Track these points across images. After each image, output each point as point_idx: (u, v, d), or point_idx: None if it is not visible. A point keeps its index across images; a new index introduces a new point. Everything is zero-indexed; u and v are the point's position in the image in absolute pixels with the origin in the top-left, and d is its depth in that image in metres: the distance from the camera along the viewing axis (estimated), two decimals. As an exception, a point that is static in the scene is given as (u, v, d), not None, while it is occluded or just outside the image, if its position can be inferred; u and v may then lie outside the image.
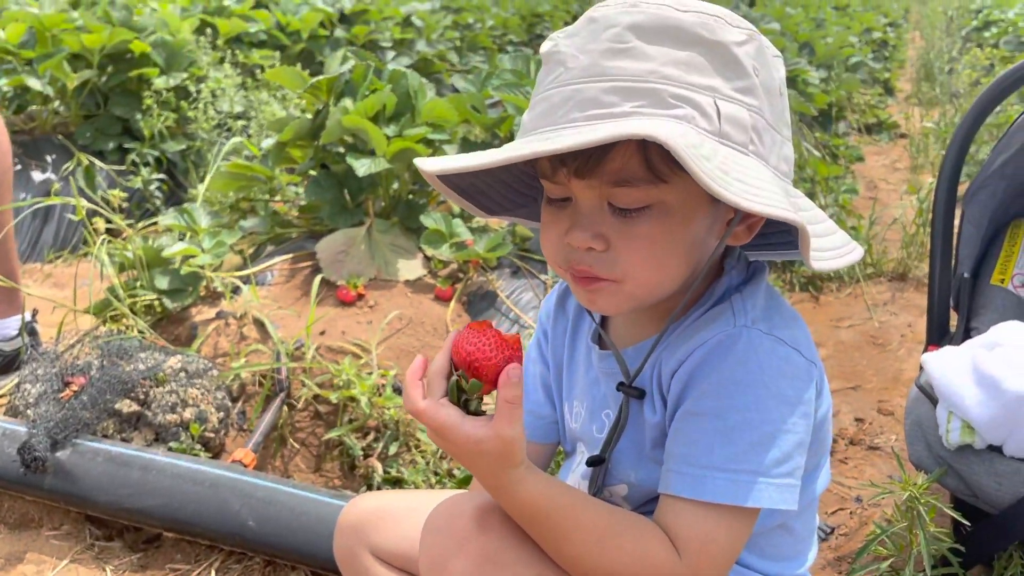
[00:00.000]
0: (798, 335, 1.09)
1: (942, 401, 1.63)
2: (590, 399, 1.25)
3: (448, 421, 0.99)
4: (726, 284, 1.12)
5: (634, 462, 1.17)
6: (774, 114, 1.04)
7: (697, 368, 1.06)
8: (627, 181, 0.98)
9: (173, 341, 2.77)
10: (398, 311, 2.70)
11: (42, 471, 2.06)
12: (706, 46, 0.98)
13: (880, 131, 7.34)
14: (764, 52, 1.05)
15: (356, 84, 3.10)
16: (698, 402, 1.05)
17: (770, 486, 1.02)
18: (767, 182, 0.97)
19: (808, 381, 1.06)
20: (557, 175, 1.02)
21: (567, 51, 1.01)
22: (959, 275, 2.14)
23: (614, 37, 0.98)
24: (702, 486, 1.02)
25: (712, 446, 1.02)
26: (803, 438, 1.05)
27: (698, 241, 1.05)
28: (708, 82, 0.97)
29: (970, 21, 12.81)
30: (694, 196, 1.01)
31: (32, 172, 4.40)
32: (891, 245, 4.22)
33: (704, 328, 1.08)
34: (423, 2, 7.44)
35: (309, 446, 2.41)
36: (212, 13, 5.63)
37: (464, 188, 1.18)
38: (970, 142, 1.98)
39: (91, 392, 2.19)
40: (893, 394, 2.96)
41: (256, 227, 3.29)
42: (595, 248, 1.02)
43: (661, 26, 0.98)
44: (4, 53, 4.44)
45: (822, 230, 1.06)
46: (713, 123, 0.96)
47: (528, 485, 1.02)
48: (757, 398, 1.02)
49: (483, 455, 1.00)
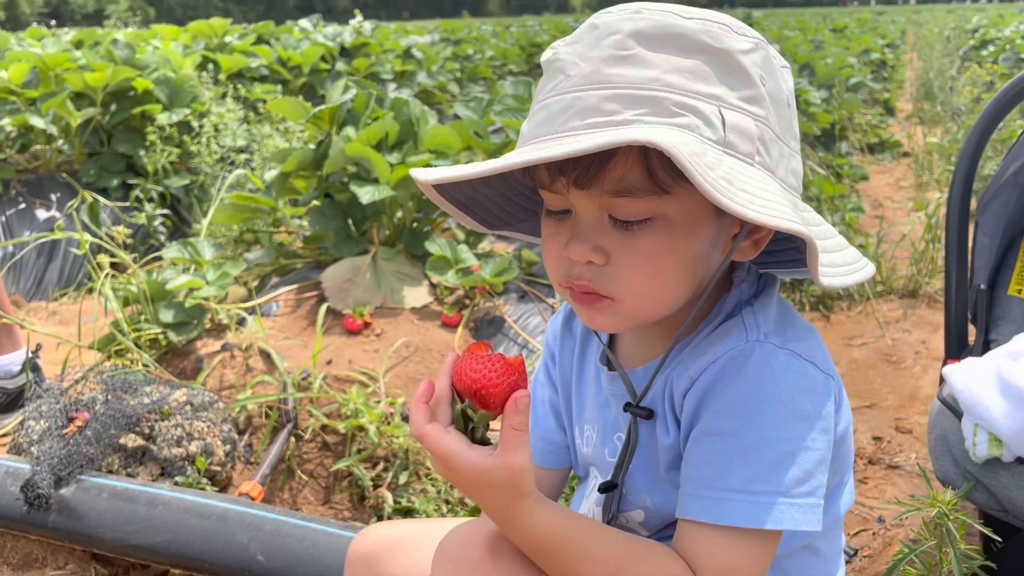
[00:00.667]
0: (813, 348, 1.05)
1: (967, 413, 1.59)
2: (601, 422, 1.21)
3: (453, 448, 0.94)
4: (736, 298, 1.07)
5: (649, 486, 1.12)
6: (782, 125, 1.00)
7: (710, 386, 1.01)
8: (628, 191, 0.94)
9: (178, 375, 2.74)
10: (405, 338, 2.67)
11: (46, 509, 2.01)
12: (711, 54, 0.94)
13: (883, 150, 7.34)
14: (771, 62, 1.01)
15: (358, 113, 3.09)
16: (712, 422, 1.00)
17: (792, 507, 0.97)
18: (774, 194, 0.94)
19: (826, 395, 1.02)
20: (556, 185, 0.98)
21: (567, 59, 0.98)
22: (975, 287, 2.10)
23: (616, 44, 0.94)
24: (720, 510, 0.97)
25: (729, 467, 0.97)
26: (824, 455, 1.00)
27: (702, 256, 1.01)
28: (712, 90, 0.93)
29: (967, 40, 12.89)
30: (698, 209, 0.97)
31: (36, 210, 4.40)
32: (900, 262, 4.19)
33: (715, 344, 1.03)
34: (423, 35, 7.50)
35: (317, 477, 2.36)
36: (214, 50, 5.68)
37: (463, 202, 1.14)
38: (983, 148, 1.95)
39: (95, 427, 2.15)
40: (911, 411, 2.91)
41: (261, 259, 3.27)
42: (595, 262, 0.98)
43: (664, 33, 0.94)
44: (7, 93, 4.46)
45: (832, 246, 1.02)
46: (717, 132, 0.92)
47: (538, 517, 0.97)
48: (774, 415, 0.97)
49: (490, 486, 0.95)
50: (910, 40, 18.73)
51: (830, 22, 11.73)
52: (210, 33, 5.89)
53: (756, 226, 1.03)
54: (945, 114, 7.79)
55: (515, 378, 0.95)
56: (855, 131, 7.31)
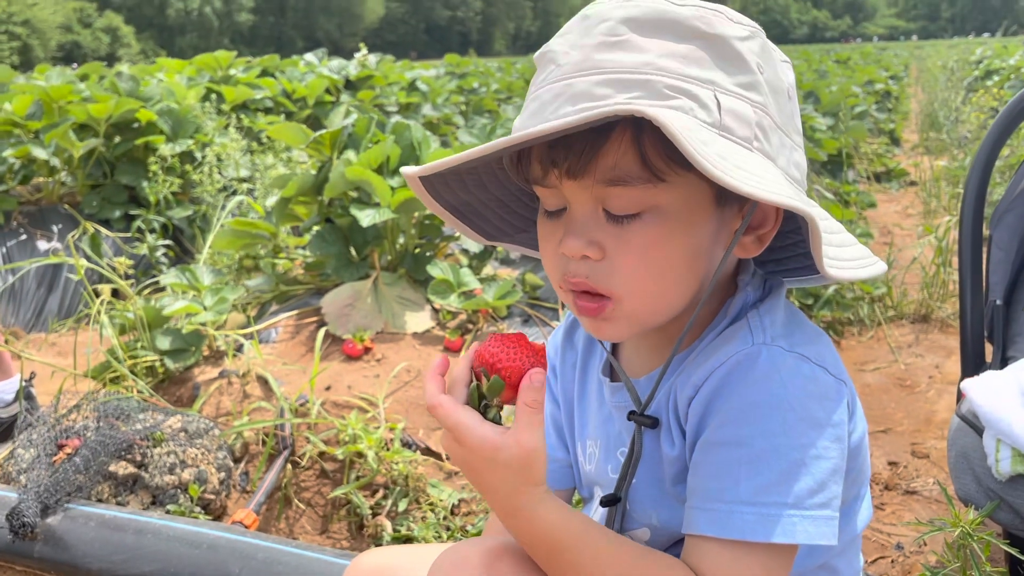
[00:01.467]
0: (823, 352, 0.98)
1: (988, 429, 1.52)
2: (604, 437, 1.15)
3: (464, 420, 0.90)
4: (741, 302, 1.02)
5: (655, 501, 1.05)
6: (782, 116, 0.95)
7: (715, 393, 0.95)
8: (622, 180, 0.90)
9: (175, 402, 2.68)
10: (406, 363, 2.60)
11: (31, 538, 1.95)
12: (705, 39, 0.91)
13: (889, 179, 7.30)
14: (769, 52, 0.97)
15: (359, 137, 3.06)
16: (719, 430, 0.94)
17: (804, 519, 0.90)
18: (774, 176, 0.89)
19: (838, 401, 0.95)
20: (549, 178, 0.94)
21: (559, 49, 0.95)
22: (991, 303, 2.04)
23: (607, 31, 0.91)
24: (729, 523, 0.90)
25: (738, 478, 0.91)
26: (838, 464, 0.93)
27: (702, 251, 0.96)
28: (707, 75, 0.89)
29: (971, 72, 12.92)
30: (695, 199, 0.93)
31: (38, 241, 4.38)
32: (911, 287, 4.13)
33: (720, 348, 0.97)
34: (427, 68, 7.53)
35: (315, 506, 2.29)
36: (218, 82, 5.69)
37: (459, 208, 1.10)
38: (995, 157, 1.90)
39: (84, 454, 2.09)
40: (927, 436, 2.83)
41: (260, 286, 3.23)
42: (590, 256, 0.93)
43: (657, 19, 0.91)
44: (11, 125, 4.46)
45: (839, 240, 0.97)
46: (713, 115, 0.88)
47: (547, 509, 0.92)
48: (783, 422, 0.91)
49: (500, 465, 0.90)
50: (913, 74, 18.80)
51: (833, 54, 11.77)
52: (215, 66, 5.92)
53: (759, 220, 0.98)
54: (952, 143, 7.76)
55: (534, 360, 0.92)
56: (861, 160, 7.28)
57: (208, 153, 4.46)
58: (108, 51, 66.39)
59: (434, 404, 0.92)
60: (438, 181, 1.04)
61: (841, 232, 1.00)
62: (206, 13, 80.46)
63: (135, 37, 74.04)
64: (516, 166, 1.00)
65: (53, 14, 65.45)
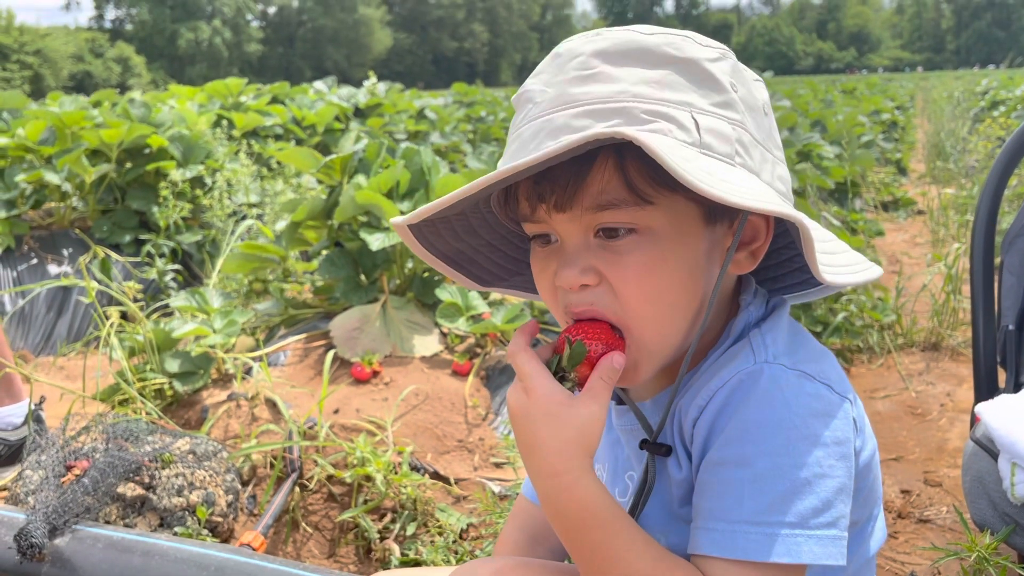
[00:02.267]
0: (827, 369, 0.98)
1: (1003, 453, 1.50)
2: (612, 460, 1.14)
3: (538, 369, 0.93)
4: (744, 321, 1.02)
5: (663, 524, 1.05)
6: (761, 132, 0.97)
7: (719, 412, 0.95)
8: (610, 204, 0.91)
9: (183, 425, 2.68)
10: (414, 387, 2.60)
11: (39, 559, 1.93)
12: (677, 64, 0.92)
13: (897, 208, 7.31)
14: (741, 71, 0.98)
15: (369, 162, 3.08)
16: (722, 450, 0.93)
17: (810, 539, 0.89)
18: (759, 187, 0.90)
19: (843, 419, 0.95)
20: (537, 213, 0.96)
21: (535, 88, 0.96)
22: (1003, 328, 2.03)
23: (580, 65, 0.93)
24: (733, 543, 0.89)
25: (741, 498, 0.90)
26: (844, 483, 0.92)
27: (697, 270, 0.96)
28: (683, 97, 0.91)
29: (977, 102, 12.96)
30: (684, 219, 0.94)
31: (48, 266, 4.40)
32: (920, 316, 4.11)
33: (722, 369, 0.97)
34: (436, 96, 7.59)
35: (322, 530, 2.27)
36: (229, 109, 5.74)
37: (453, 257, 1.11)
38: (1006, 183, 1.90)
39: (93, 475, 2.08)
40: (939, 464, 2.80)
41: (269, 309, 3.23)
42: (588, 284, 0.94)
43: (627, 49, 0.93)
44: (23, 151, 4.50)
45: (831, 248, 0.98)
46: (692, 135, 0.89)
47: (590, 480, 0.92)
48: (786, 440, 0.91)
49: (559, 420, 0.91)
50: (919, 105, 18.87)
51: (840, 84, 11.84)
52: (225, 93, 5.98)
53: (751, 235, 1.00)
54: (959, 172, 7.77)
55: (615, 343, 0.95)
56: (869, 189, 7.29)
57: (218, 178, 4.48)
58: (119, 80, 67.11)
59: (515, 351, 0.96)
60: (428, 230, 1.05)
61: (833, 240, 1.01)
62: (216, 44, 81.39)
63: (146, 67, 74.88)
64: (503, 206, 1.02)
65: (65, 44, 66.27)
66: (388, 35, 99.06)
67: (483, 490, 2.28)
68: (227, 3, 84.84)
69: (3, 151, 4.57)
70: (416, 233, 1.04)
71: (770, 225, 1.00)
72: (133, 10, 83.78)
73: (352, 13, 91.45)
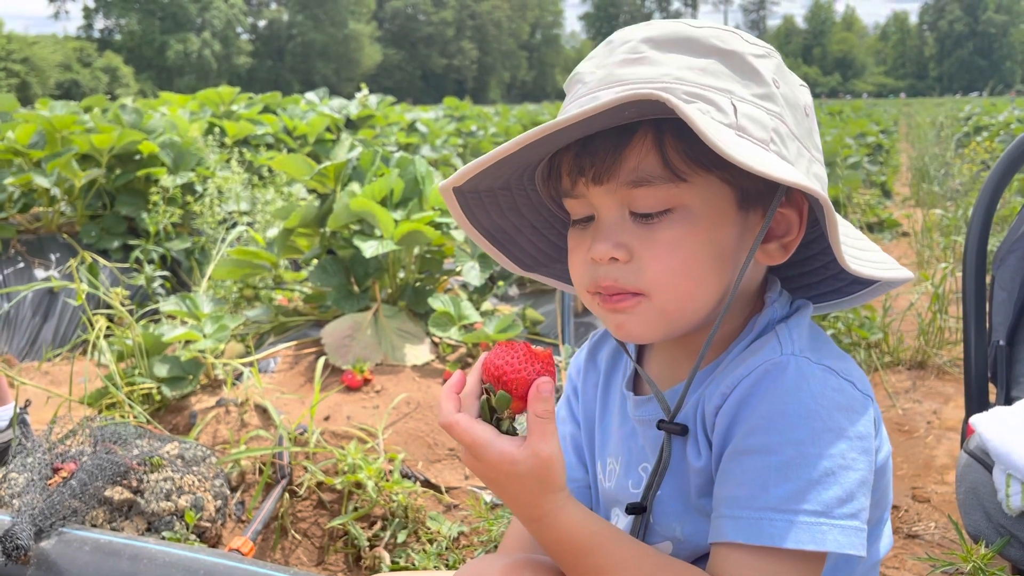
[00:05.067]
0: (850, 368, 1.00)
1: (998, 464, 1.51)
2: (626, 452, 1.14)
3: (481, 437, 0.91)
4: (768, 317, 1.04)
5: (679, 513, 1.05)
6: (800, 129, 0.99)
7: (743, 402, 0.96)
8: (645, 180, 0.94)
9: (172, 430, 2.65)
10: (405, 395, 2.59)
11: (24, 562, 1.90)
12: (722, 55, 0.96)
13: (882, 230, 7.37)
14: (785, 72, 1.01)
15: (363, 170, 3.08)
16: (747, 439, 0.94)
17: (834, 528, 0.90)
18: (788, 166, 0.92)
19: (864, 414, 0.96)
20: (577, 186, 0.99)
21: (585, 70, 1.00)
22: (994, 343, 2.04)
23: (629, 50, 0.97)
24: (758, 530, 0.90)
25: (766, 485, 0.91)
26: (866, 476, 0.94)
27: (727, 253, 0.98)
28: (724, 85, 0.94)
29: (960, 128, 13.12)
30: (718, 200, 0.96)
31: (35, 270, 4.36)
32: (907, 335, 4.14)
33: (749, 359, 0.98)
34: (427, 110, 7.61)
35: (311, 537, 2.25)
36: (220, 117, 5.73)
37: (495, 235, 1.13)
38: (1000, 195, 1.92)
39: (80, 477, 2.06)
40: (926, 480, 2.82)
41: (259, 316, 3.22)
42: (618, 258, 0.96)
43: (675, 38, 0.96)
44: (13, 154, 4.47)
45: (861, 245, 1.01)
46: (729, 118, 0.91)
47: (569, 514, 0.93)
48: (812, 431, 0.92)
49: (519, 477, 0.91)
50: (902, 131, 19.07)
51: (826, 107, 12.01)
52: (217, 101, 5.97)
53: (784, 229, 1.01)
54: (943, 195, 7.85)
55: (540, 367, 0.92)
56: (855, 210, 7.35)
57: (209, 186, 4.47)
58: (106, 90, 66.84)
59: (450, 423, 0.93)
60: (474, 203, 1.06)
61: (863, 239, 1.03)
62: (205, 56, 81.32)
63: (134, 77, 74.64)
64: (546, 182, 1.05)
65: (53, 53, 66.00)
66: (378, 50, 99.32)
67: (474, 499, 2.27)
68: (217, 16, 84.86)
69: (-8, 154, 4.54)
70: (462, 206, 1.06)
71: (803, 220, 1.01)
72: (122, 20, 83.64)
73: (342, 28, 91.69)
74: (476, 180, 1.02)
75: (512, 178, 1.07)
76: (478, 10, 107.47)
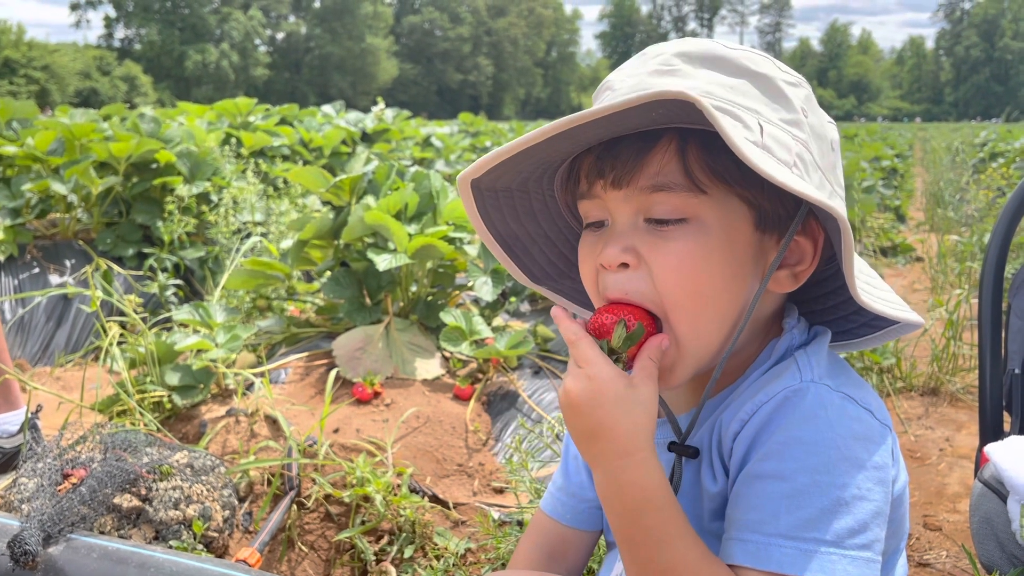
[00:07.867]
0: (868, 397, 0.99)
1: (1013, 494, 1.50)
2: None
3: (601, 355, 0.94)
4: (787, 343, 1.03)
5: None
6: (824, 162, 0.98)
7: (762, 427, 0.95)
8: (664, 186, 0.94)
9: (181, 439, 2.65)
10: (415, 409, 2.59)
11: (32, 567, 1.90)
12: (753, 77, 0.96)
13: (895, 254, 7.34)
14: (815, 105, 1.01)
15: (378, 183, 3.09)
16: (761, 463, 0.94)
17: (844, 559, 0.89)
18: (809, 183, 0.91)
19: (883, 445, 0.95)
20: (594, 189, 0.99)
21: (615, 79, 1.00)
22: (1010, 371, 2.03)
23: (661, 61, 0.97)
24: (767, 555, 0.89)
25: (777, 512, 0.90)
26: (881, 507, 0.93)
27: (740, 275, 0.97)
28: (752, 105, 0.94)
29: (976, 153, 13.08)
30: (735, 219, 0.96)
31: (50, 275, 4.39)
32: (920, 360, 4.11)
33: (768, 384, 0.98)
34: (442, 125, 7.64)
35: (318, 549, 2.25)
36: (237, 128, 5.77)
37: (508, 241, 1.13)
38: (1017, 223, 1.91)
39: (90, 484, 2.06)
40: (938, 508, 2.79)
41: (272, 327, 3.22)
42: (627, 263, 0.96)
43: (708, 55, 0.96)
44: (32, 160, 4.51)
45: (876, 283, 1.01)
46: (755, 136, 0.90)
47: (655, 465, 0.93)
48: (827, 459, 0.91)
49: (630, 401, 0.92)
50: (917, 155, 19.02)
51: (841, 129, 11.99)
52: (235, 112, 6.02)
53: (797, 257, 1.00)
54: (958, 221, 7.82)
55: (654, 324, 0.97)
56: (868, 234, 7.33)
57: (225, 196, 4.49)
58: (125, 99, 67.42)
59: (576, 338, 0.95)
60: (491, 204, 1.06)
61: (876, 277, 1.03)
62: (223, 66, 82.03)
63: (152, 87, 75.32)
64: (565, 186, 1.05)
65: (73, 60, 66.66)
66: (394, 65, 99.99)
67: (483, 515, 2.26)
68: (236, 27, 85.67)
69: (11, 160, 4.58)
70: (479, 207, 1.06)
71: (817, 251, 1.01)
72: (143, 30, 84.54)
73: (359, 42, 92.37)
74: (495, 175, 1.02)
75: (531, 179, 1.07)
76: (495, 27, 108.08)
